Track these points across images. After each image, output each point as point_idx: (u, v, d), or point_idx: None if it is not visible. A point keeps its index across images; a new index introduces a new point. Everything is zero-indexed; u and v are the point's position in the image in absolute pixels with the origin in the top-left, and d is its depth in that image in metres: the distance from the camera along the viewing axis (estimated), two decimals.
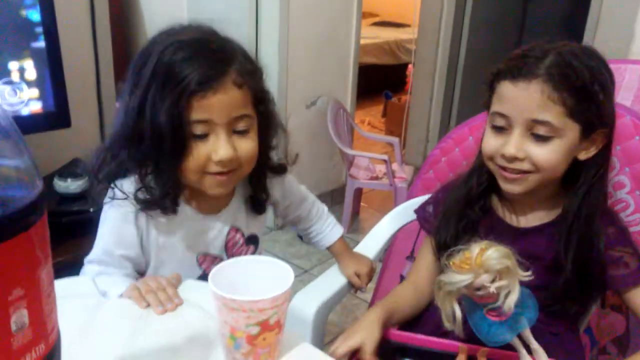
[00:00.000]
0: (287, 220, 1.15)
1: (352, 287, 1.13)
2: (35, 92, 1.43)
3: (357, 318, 1.96)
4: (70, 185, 1.51)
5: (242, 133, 0.82)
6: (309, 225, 1.15)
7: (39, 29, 1.41)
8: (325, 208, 1.17)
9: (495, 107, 0.82)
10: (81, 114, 1.66)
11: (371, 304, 1.57)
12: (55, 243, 0.73)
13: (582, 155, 0.83)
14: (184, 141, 0.79)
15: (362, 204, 2.94)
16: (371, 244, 1.20)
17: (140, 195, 0.84)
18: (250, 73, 0.82)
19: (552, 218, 0.88)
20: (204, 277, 0.93)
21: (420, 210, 1.02)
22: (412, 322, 0.97)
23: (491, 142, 0.83)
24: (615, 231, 0.85)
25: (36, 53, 1.41)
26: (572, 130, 0.78)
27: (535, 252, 0.84)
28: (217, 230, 0.94)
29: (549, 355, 0.74)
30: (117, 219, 0.87)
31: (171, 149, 0.79)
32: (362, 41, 3.11)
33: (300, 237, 2.57)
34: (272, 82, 2.49)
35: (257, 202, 0.97)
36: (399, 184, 2.54)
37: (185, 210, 0.90)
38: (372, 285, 1.47)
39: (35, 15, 1.40)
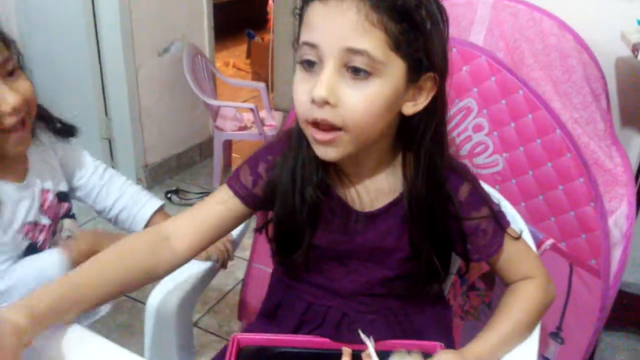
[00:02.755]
0: (82, 185, 1.05)
1: (217, 265, 1.02)
2: None
3: (238, 278, 1.91)
4: None
5: (14, 75, 0.82)
6: (121, 194, 1.05)
7: None
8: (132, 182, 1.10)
9: (304, 36, 0.65)
10: None
11: (249, 264, 1.51)
12: None
13: (409, 109, 0.68)
14: None
15: (233, 155, 2.82)
16: None
17: None
18: None
19: (397, 195, 0.75)
20: (30, 247, 0.90)
21: (234, 182, 0.80)
22: (273, 313, 0.87)
23: (300, 89, 0.66)
24: (467, 190, 0.75)
25: None
26: (396, 69, 0.63)
27: (389, 244, 0.76)
28: (30, 197, 0.90)
29: (422, 334, 0.71)
30: None
31: None
32: None
33: (169, 198, 2.42)
34: (114, 31, 2.21)
35: (59, 130, 0.97)
36: (269, 132, 2.44)
37: (2, 186, 0.87)
38: (249, 242, 1.39)
39: None
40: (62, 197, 0.98)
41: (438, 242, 0.75)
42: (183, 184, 2.61)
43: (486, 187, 0.82)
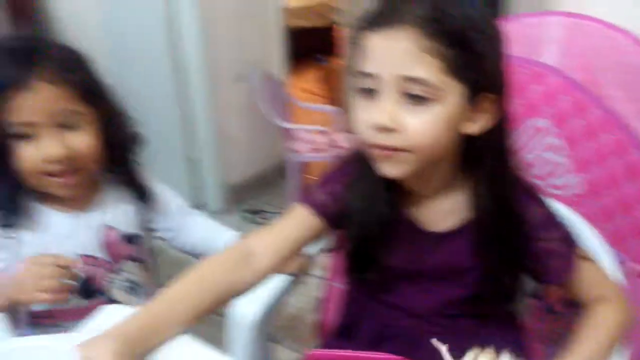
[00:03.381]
0: (171, 230, 1.05)
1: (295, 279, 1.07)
2: None
3: (315, 296, 1.95)
4: None
5: (72, 129, 0.81)
6: (193, 231, 1.06)
7: None
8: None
9: (360, 65, 0.67)
10: None
11: (327, 283, 1.55)
12: None
13: (468, 128, 0.68)
14: (4, 147, 0.78)
15: (307, 176, 2.89)
16: None
17: None
18: (68, 69, 0.80)
19: (467, 214, 0.75)
20: (86, 281, 0.90)
21: (309, 201, 0.82)
22: (347, 332, 0.89)
23: (360, 117, 0.67)
24: (538, 213, 0.75)
25: None
26: (455, 93, 0.64)
27: (460, 264, 0.76)
28: (88, 229, 0.90)
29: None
30: None
31: None
32: (292, 3, 2.99)
33: (250, 218, 2.52)
34: (193, 58, 2.37)
35: (136, 188, 0.96)
36: (342, 154, 2.48)
37: (50, 213, 0.88)
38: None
39: None
40: (129, 239, 0.96)
41: (509, 262, 0.74)
42: (261, 204, 2.71)
43: (561, 208, 0.81)
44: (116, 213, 0.94)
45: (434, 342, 0.68)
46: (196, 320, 0.71)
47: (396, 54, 0.63)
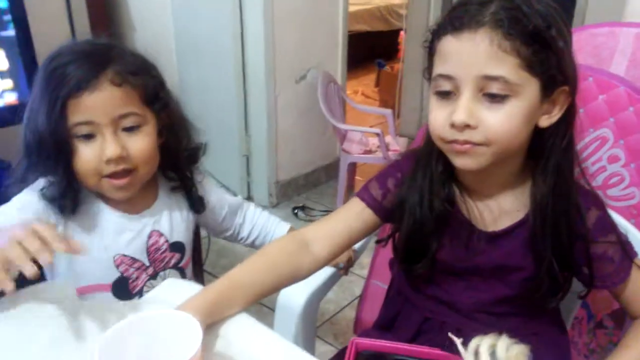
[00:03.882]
0: (227, 227, 1.09)
1: (340, 271, 1.10)
2: (9, 83, 1.39)
3: (355, 294, 1.98)
4: None
5: (131, 131, 0.83)
6: (254, 224, 1.10)
7: (8, 17, 1.35)
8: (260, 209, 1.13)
9: (438, 69, 0.69)
10: None
11: (367, 280, 1.57)
12: None
13: (544, 121, 0.70)
14: (66, 145, 0.80)
15: (357, 177, 2.91)
16: None
17: (46, 192, 0.84)
18: (133, 72, 0.82)
19: (523, 215, 0.76)
20: (121, 280, 0.92)
21: (365, 195, 0.85)
22: (389, 324, 0.91)
23: (438, 115, 0.69)
24: (596, 215, 0.75)
25: (6, 42, 1.36)
26: (531, 88, 0.66)
27: (512, 263, 0.77)
28: (135, 232, 0.92)
29: (536, 356, 0.71)
30: (12, 214, 0.82)
31: (55, 153, 0.80)
32: (351, 8, 3.03)
33: (295, 214, 2.57)
34: (258, 59, 2.44)
35: (192, 199, 0.97)
36: (393, 157, 2.49)
37: (103, 209, 0.90)
38: (367, 260, 1.46)
39: (2, 2, 1.35)
40: (176, 247, 0.97)
41: (563, 264, 0.74)
42: (309, 202, 2.76)
43: (620, 220, 0.80)
44: (167, 220, 0.95)
45: (450, 335, 0.69)
46: (256, 301, 0.75)
47: (476, 56, 0.65)
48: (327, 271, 1.06)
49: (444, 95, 0.69)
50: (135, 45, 0.93)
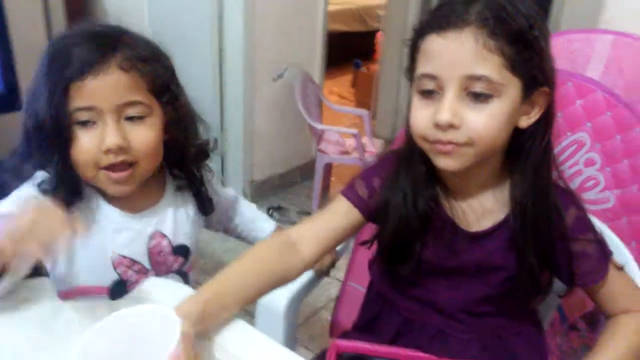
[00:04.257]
0: (223, 225, 1.06)
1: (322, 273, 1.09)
2: None
3: (331, 296, 1.97)
4: None
5: (135, 120, 0.77)
6: (242, 217, 1.07)
7: None
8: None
9: (421, 68, 0.68)
10: None
11: (344, 282, 1.56)
12: None
13: (524, 122, 0.70)
14: (65, 131, 0.75)
15: (332, 178, 2.91)
16: None
17: (45, 186, 0.79)
18: (143, 59, 0.77)
19: (504, 215, 0.76)
20: (120, 283, 0.86)
21: (350, 194, 0.84)
22: (368, 326, 0.90)
23: (420, 115, 0.69)
24: (575, 214, 0.75)
25: None
26: (513, 88, 0.66)
27: (494, 262, 0.77)
28: (136, 232, 0.86)
29: (516, 356, 0.72)
30: (15, 202, 0.79)
31: (53, 139, 0.75)
32: (330, 7, 3.02)
33: (271, 214, 2.54)
34: (237, 56, 2.41)
35: (201, 201, 0.92)
36: (369, 159, 2.50)
37: (102, 205, 0.84)
38: (343, 262, 1.45)
39: None
40: (180, 251, 0.91)
41: (544, 262, 0.75)
42: (284, 202, 2.74)
43: (595, 222, 0.81)
44: (171, 221, 0.90)
45: None
46: (247, 304, 0.74)
47: (460, 55, 0.65)
48: (308, 273, 1.05)
49: (427, 94, 0.69)
50: None
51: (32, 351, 0.63)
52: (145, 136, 0.78)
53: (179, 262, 0.92)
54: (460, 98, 0.66)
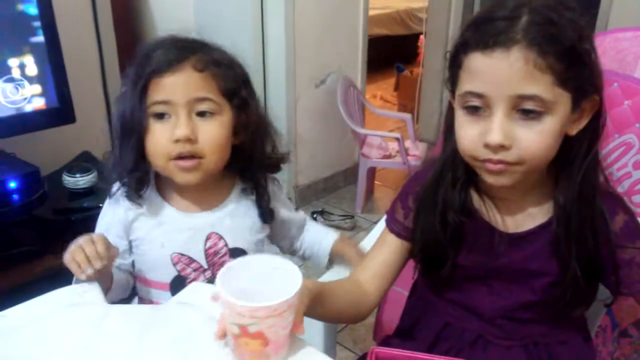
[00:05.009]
0: (289, 244, 1.10)
1: None
2: (37, 88, 1.42)
3: None
4: (79, 181, 1.51)
5: (205, 116, 0.84)
6: (304, 236, 1.10)
7: (37, 24, 1.39)
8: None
9: (466, 85, 0.66)
10: (88, 108, 1.65)
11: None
12: (66, 241, 0.76)
13: (573, 130, 0.69)
14: (143, 122, 0.83)
15: (376, 182, 2.91)
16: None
17: (125, 181, 0.89)
18: (217, 63, 0.85)
19: (546, 218, 0.75)
20: (178, 279, 0.92)
21: (389, 216, 0.86)
22: (409, 331, 0.90)
23: (468, 133, 0.68)
24: (623, 220, 0.73)
25: (36, 48, 1.39)
26: (564, 102, 0.64)
27: (535, 267, 0.75)
28: (193, 231, 0.92)
29: None
30: (108, 214, 0.92)
31: (131, 130, 0.84)
32: (371, 12, 3.03)
33: (315, 218, 2.57)
34: (279, 63, 2.45)
35: (262, 208, 0.96)
36: (413, 162, 2.49)
37: (162, 205, 0.92)
38: None
39: (32, 9, 1.38)
40: (237, 253, 0.94)
41: (588, 269, 0.73)
42: (327, 206, 2.76)
43: None
44: (230, 224, 0.94)
45: None
46: (328, 317, 0.84)
47: (510, 75, 0.62)
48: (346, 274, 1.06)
49: (473, 110, 0.67)
50: None
51: (82, 350, 0.67)
52: (212, 131, 0.84)
53: None
54: (509, 116, 0.64)
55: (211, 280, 0.93)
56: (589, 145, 0.70)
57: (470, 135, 0.68)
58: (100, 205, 1.40)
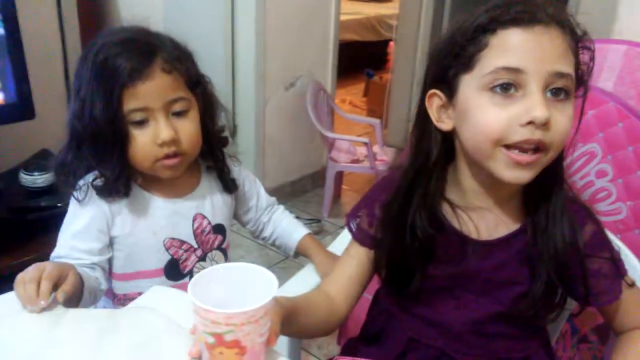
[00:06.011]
0: (251, 219, 1.13)
1: None
2: None
3: None
4: (37, 179, 1.45)
5: (180, 114, 0.87)
6: (277, 225, 1.12)
7: None
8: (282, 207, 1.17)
9: (498, 61, 0.63)
10: (48, 105, 1.59)
11: None
12: (21, 241, 0.72)
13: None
14: (122, 132, 0.84)
15: (343, 186, 2.91)
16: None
17: (97, 182, 0.89)
18: (178, 59, 0.87)
19: (518, 225, 0.74)
20: (172, 262, 0.96)
21: (355, 225, 0.84)
22: (374, 338, 0.87)
23: (500, 116, 0.63)
24: (592, 230, 0.73)
25: None
26: (573, 92, 0.66)
27: (505, 276, 0.74)
28: (181, 215, 0.96)
29: None
30: (82, 213, 0.90)
31: (112, 141, 0.84)
32: (342, 17, 3.04)
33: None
34: (249, 65, 2.43)
35: (224, 180, 1.01)
36: (380, 167, 2.51)
37: (147, 196, 0.94)
38: None
39: None
40: (218, 229, 1.02)
41: (558, 276, 0.72)
42: (295, 210, 2.74)
43: (611, 236, 0.80)
44: (209, 203, 1.00)
45: None
46: (298, 333, 0.82)
47: (551, 50, 0.62)
48: (315, 279, 1.05)
49: (503, 90, 0.63)
50: None
51: (32, 358, 0.64)
52: (189, 128, 0.88)
53: (219, 239, 1.02)
54: (544, 96, 0.63)
55: (202, 258, 1.00)
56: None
57: (503, 117, 0.64)
58: (59, 204, 1.38)
